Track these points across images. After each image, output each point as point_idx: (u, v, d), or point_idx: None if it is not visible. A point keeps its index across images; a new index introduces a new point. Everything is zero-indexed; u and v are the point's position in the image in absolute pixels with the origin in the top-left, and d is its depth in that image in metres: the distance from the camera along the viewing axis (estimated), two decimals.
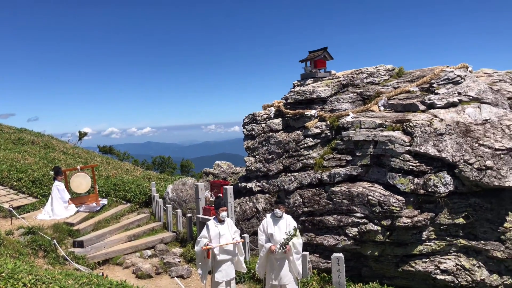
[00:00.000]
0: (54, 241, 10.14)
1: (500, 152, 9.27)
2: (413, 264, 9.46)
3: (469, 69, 12.41)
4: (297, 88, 12.94)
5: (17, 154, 17.66)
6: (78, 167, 14.41)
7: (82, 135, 32.11)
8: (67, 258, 9.79)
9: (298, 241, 7.77)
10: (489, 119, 10.15)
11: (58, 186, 12.76)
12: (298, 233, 7.83)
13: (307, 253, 9.44)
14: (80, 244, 10.79)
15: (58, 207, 12.52)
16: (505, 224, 9.33)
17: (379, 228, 9.52)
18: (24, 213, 12.56)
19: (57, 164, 16.86)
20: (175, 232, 12.52)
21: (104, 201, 14.06)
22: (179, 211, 12.75)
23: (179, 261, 10.90)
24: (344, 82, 12.76)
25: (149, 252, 11.44)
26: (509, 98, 11.66)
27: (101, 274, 8.50)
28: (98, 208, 13.36)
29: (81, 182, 13.82)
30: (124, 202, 14.54)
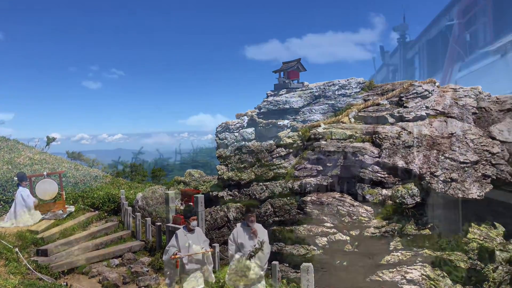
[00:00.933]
0: (17, 249, 9.78)
1: (464, 165, 9.60)
2: (381, 274, 9.61)
3: (437, 84, 12.83)
4: (270, 98, 13.05)
5: None
6: (45, 173, 13.99)
7: (50, 140, 31.12)
8: (30, 267, 9.46)
9: (263, 255, 7.71)
10: (455, 132, 10.50)
11: (22, 193, 12.33)
12: (265, 248, 7.72)
13: (277, 262, 9.44)
14: (44, 253, 10.44)
15: (22, 215, 12.09)
16: (468, 235, 9.64)
17: (347, 238, 9.65)
18: None
19: (22, 170, 16.30)
20: (144, 241, 12.30)
21: (71, 209, 13.68)
22: (148, 219, 12.54)
23: (147, 271, 10.70)
24: (317, 94, 12.97)
25: (117, 261, 11.19)
26: (473, 113, 12.10)
27: (65, 284, 8.28)
28: (65, 216, 12.99)
29: (47, 188, 13.40)
30: (92, 210, 14.19)
